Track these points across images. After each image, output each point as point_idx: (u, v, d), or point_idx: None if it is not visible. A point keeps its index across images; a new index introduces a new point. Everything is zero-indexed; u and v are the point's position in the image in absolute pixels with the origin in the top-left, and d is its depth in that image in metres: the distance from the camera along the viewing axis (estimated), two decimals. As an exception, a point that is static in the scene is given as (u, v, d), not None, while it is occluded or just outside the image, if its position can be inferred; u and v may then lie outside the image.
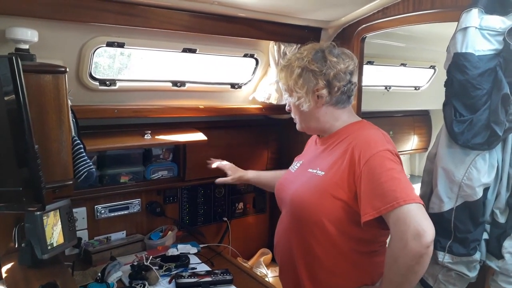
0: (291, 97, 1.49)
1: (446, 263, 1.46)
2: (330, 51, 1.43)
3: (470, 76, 1.34)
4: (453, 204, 1.42)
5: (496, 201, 1.42)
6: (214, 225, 2.48)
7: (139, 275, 1.72)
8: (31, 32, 1.34)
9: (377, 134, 1.37)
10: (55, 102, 1.27)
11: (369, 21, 1.94)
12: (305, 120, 1.50)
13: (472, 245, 1.43)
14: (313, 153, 1.56)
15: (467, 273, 1.46)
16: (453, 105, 1.39)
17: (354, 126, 1.46)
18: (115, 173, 2.04)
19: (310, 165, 1.50)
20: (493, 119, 1.33)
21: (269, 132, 2.59)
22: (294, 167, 1.63)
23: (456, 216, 1.42)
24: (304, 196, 1.42)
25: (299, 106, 1.45)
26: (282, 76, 1.49)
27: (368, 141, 1.33)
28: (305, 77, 1.41)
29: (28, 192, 1.14)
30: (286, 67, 1.47)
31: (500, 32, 1.34)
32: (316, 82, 1.40)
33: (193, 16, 1.70)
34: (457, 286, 1.50)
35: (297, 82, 1.42)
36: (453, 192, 1.42)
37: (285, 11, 1.85)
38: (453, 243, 1.44)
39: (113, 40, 1.68)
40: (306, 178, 1.46)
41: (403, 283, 1.21)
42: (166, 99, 2.05)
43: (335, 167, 1.36)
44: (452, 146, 1.42)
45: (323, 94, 1.41)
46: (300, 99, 1.44)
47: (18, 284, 1.48)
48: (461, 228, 1.42)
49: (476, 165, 1.37)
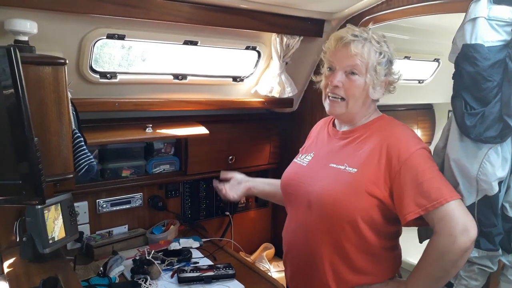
0: (360, 76, 1.35)
1: (472, 257, 1.44)
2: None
3: (481, 67, 1.31)
4: (474, 198, 1.40)
5: (506, 195, 1.40)
6: (216, 219, 2.47)
7: (141, 270, 1.72)
8: (30, 24, 1.32)
9: (410, 131, 1.39)
10: (54, 95, 1.25)
11: (372, 13, 1.91)
12: (357, 105, 1.38)
13: (497, 239, 1.41)
14: (329, 146, 1.48)
15: (492, 266, 1.45)
16: (463, 97, 1.36)
17: (379, 121, 1.43)
18: (117, 167, 2.03)
19: (331, 160, 1.42)
20: (505, 111, 1.30)
21: (272, 126, 2.57)
22: (303, 159, 1.53)
23: (479, 211, 1.40)
24: (337, 194, 1.34)
25: (366, 89, 1.36)
26: (363, 51, 1.34)
27: (404, 138, 1.33)
28: (389, 65, 1.40)
29: (28, 185, 1.12)
30: (370, 44, 1.35)
31: (509, 22, 1.31)
32: (392, 75, 1.41)
33: (194, 7, 1.67)
34: (479, 281, 1.48)
35: (381, 67, 1.37)
36: (472, 186, 1.39)
37: (288, 2, 1.82)
38: (479, 237, 1.41)
39: (114, 32, 1.66)
40: (333, 174, 1.37)
41: (444, 278, 1.26)
42: (167, 92, 2.03)
43: (369, 164, 1.32)
44: (463, 140, 1.39)
45: (391, 88, 1.43)
46: (374, 84, 1.37)
47: (19, 278, 1.48)
48: (485, 222, 1.40)
49: (489, 159, 1.35)
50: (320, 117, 2.33)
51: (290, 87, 2.20)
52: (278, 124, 2.59)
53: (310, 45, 2.14)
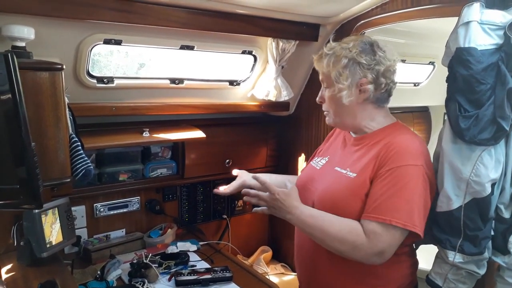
0: (329, 88, 1.40)
1: (457, 262, 1.45)
2: (378, 45, 1.38)
3: (474, 71, 1.33)
4: (461, 201, 1.40)
5: (501, 197, 1.41)
6: (213, 222, 2.48)
7: (138, 273, 1.72)
8: (27, 30, 1.33)
9: (414, 142, 1.35)
10: (52, 100, 1.26)
11: (367, 17, 1.93)
12: (340, 114, 1.42)
13: (483, 243, 1.41)
14: (342, 151, 1.50)
15: (477, 270, 1.45)
16: (457, 100, 1.38)
17: (390, 129, 1.41)
18: (114, 171, 2.03)
19: (338, 164, 1.45)
20: (499, 114, 1.32)
21: (268, 130, 2.58)
22: (318, 163, 1.56)
23: (465, 214, 1.40)
24: (335, 196, 1.38)
25: (338, 98, 1.37)
26: (322, 65, 1.40)
27: (403, 148, 1.31)
28: (351, 69, 1.35)
29: (25, 190, 1.13)
30: (329, 55, 1.38)
31: (501, 26, 1.33)
32: (363, 75, 1.34)
33: (191, 12, 1.69)
34: (467, 284, 1.48)
35: (341, 73, 1.35)
36: (460, 190, 1.40)
37: (283, 7, 1.84)
38: (463, 241, 1.42)
39: (110, 38, 1.67)
40: (335, 177, 1.41)
41: (323, 241, 1.31)
42: (164, 96, 2.04)
43: (368, 169, 1.33)
44: (457, 142, 1.40)
45: (368, 89, 1.35)
46: (341, 91, 1.36)
47: (17, 283, 1.48)
48: (471, 226, 1.40)
49: (483, 161, 1.36)
50: (316, 120, 2.36)
51: (286, 91, 2.22)
52: (274, 128, 2.60)
53: (305, 49, 2.16)
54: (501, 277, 1.45)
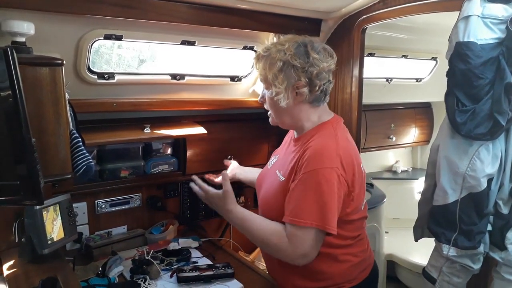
0: (268, 90, 1.44)
1: (451, 256, 1.45)
2: (312, 46, 1.37)
3: (473, 65, 1.32)
4: (457, 195, 1.41)
5: (499, 192, 1.41)
6: (215, 219, 2.47)
7: (140, 270, 1.72)
8: (27, 25, 1.32)
9: (330, 144, 1.35)
10: (52, 95, 1.25)
11: (369, 12, 1.92)
12: (279, 115, 1.48)
13: (477, 237, 1.41)
14: (284, 152, 1.56)
15: (472, 265, 1.45)
16: (455, 94, 1.38)
17: (318, 129, 1.43)
18: (115, 167, 2.03)
19: (278, 165, 1.52)
20: (496, 108, 1.31)
21: (270, 126, 2.54)
22: (271, 162, 1.64)
23: (461, 208, 1.41)
24: (269, 199, 1.47)
25: (276, 101, 1.40)
26: (260, 67, 1.43)
27: (318, 151, 1.33)
28: (286, 72, 1.36)
29: (26, 186, 1.13)
30: (265, 57, 1.40)
31: (503, 20, 1.32)
32: (297, 79, 1.36)
33: (192, 7, 1.68)
34: (461, 278, 1.49)
35: (277, 76, 1.36)
36: (457, 184, 1.40)
37: (284, 2, 1.83)
38: (458, 235, 1.42)
39: (111, 33, 1.66)
40: (271, 180, 1.50)
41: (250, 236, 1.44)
42: (165, 92, 2.03)
43: (292, 172, 1.39)
44: (455, 137, 1.40)
45: (303, 92, 1.37)
46: (278, 94, 1.38)
47: (18, 279, 1.48)
48: (466, 220, 1.41)
49: (479, 156, 1.36)
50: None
51: (287, 87, 2.21)
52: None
53: (307, 45, 2.14)
54: (498, 273, 1.46)
